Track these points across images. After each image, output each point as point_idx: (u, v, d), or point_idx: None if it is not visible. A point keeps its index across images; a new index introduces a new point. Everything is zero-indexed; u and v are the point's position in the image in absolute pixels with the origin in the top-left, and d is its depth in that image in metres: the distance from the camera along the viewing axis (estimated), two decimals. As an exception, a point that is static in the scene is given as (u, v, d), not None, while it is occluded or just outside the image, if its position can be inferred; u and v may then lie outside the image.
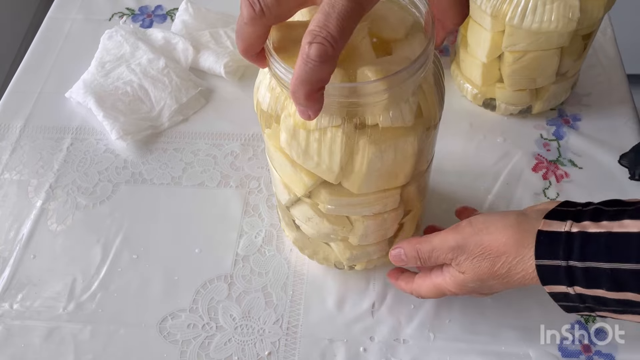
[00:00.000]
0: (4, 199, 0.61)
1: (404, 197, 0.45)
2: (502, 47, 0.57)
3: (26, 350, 0.51)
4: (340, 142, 0.37)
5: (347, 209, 0.44)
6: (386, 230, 0.48)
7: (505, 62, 0.59)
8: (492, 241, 0.40)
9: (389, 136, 0.38)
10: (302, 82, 0.31)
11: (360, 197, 0.43)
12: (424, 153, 0.43)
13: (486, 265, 0.41)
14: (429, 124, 0.40)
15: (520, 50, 0.56)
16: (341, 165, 0.39)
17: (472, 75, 0.64)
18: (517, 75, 0.59)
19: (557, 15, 0.53)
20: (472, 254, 0.41)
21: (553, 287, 0.39)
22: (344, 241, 0.49)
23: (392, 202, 0.44)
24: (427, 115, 0.39)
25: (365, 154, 0.38)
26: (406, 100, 0.37)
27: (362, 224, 0.46)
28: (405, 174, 0.42)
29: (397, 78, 0.35)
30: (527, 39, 0.55)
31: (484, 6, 0.55)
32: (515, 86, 0.61)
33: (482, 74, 0.62)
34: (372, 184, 0.41)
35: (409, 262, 0.45)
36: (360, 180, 0.40)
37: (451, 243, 0.42)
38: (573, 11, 0.53)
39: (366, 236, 0.47)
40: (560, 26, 0.53)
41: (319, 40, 0.30)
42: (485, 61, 0.60)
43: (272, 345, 0.50)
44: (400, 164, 0.41)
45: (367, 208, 0.44)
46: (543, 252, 0.38)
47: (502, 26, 0.56)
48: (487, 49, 0.59)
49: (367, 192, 0.42)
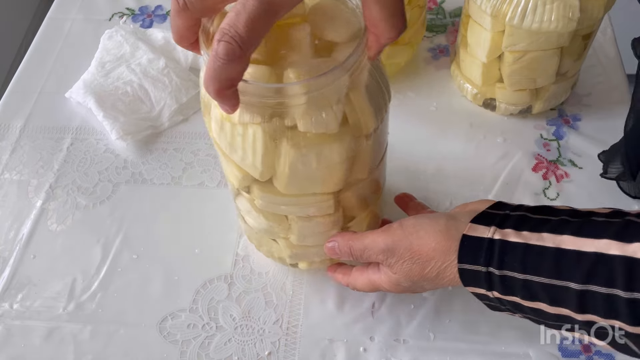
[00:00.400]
0: (4, 199, 0.61)
1: (343, 204, 0.45)
2: (502, 47, 0.57)
3: (26, 350, 0.51)
4: (261, 140, 0.37)
5: (278, 208, 0.44)
6: (325, 234, 0.47)
7: (505, 62, 0.59)
8: (421, 246, 0.41)
9: (311, 141, 0.38)
10: (211, 79, 0.31)
11: (289, 198, 0.43)
12: (359, 162, 0.42)
13: (416, 269, 0.42)
14: (359, 134, 0.39)
15: (521, 50, 0.56)
16: (264, 163, 0.39)
17: (472, 75, 0.64)
18: (517, 75, 0.59)
19: (557, 15, 0.53)
20: (402, 258, 0.42)
21: (474, 288, 0.40)
22: (285, 239, 0.49)
23: (326, 207, 0.44)
24: (356, 124, 0.39)
25: (287, 156, 0.38)
26: (330, 107, 0.36)
27: (296, 224, 0.46)
28: (335, 181, 0.42)
29: (315, 83, 0.34)
30: (527, 39, 0.55)
31: (484, 6, 0.55)
32: (516, 86, 0.61)
33: (482, 74, 0.62)
34: (299, 186, 0.41)
35: (342, 257, 0.46)
36: (285, 181, 0.40)
37: (381, 245, 0.43)
38: (573, 11, 0.53)
39: (304, 237, 0.47)
40: (560, 26, 0.53)
41: (227, 39, 0.30)
42: (485, 61, 0.60)
43: (272, 345, 0.50)
44: (326, 170, 0.40)
45: (299, 209, 0.44)
46: (465, 257, 0.39)
47: (502, 26, 0.56)
48: (487, 49, 0.59)
49: (296, 194, 0.42)
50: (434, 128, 0.65)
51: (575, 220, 0.38)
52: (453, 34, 0.74)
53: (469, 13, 0.60)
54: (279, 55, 0.37)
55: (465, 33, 0.62)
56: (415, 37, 0.65)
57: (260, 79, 0.35)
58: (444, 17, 0.76)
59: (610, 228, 0.36)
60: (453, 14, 0.77)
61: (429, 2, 0.77)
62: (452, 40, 0.73)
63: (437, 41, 0.74)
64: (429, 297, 0.52)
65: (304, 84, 0.34)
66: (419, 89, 0.69)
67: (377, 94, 0.40)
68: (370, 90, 0.39)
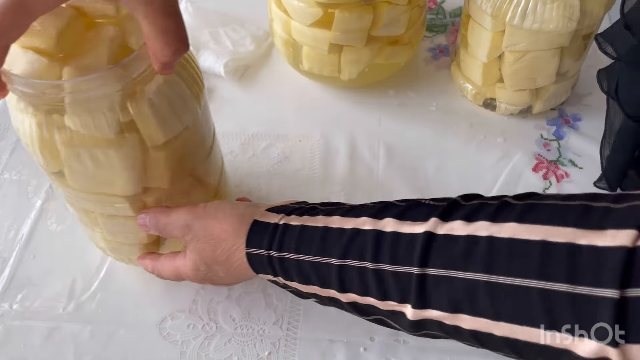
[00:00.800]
0: (4, 199, 0.61)
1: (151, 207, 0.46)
2: (502, 47, 0.57)
3: (26, 350, 0.51)
4: (35, 131, 0.38)
5: (77, 202, 0.45)
6: (136, 235, 0.48)
7: (506, 62, 0.59)
8: (215, 226, 0.42)
9: (85, 142, 0.38)
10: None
11: (82, 194, 0.43)
12: (154, 172, 0.42)
13: (208, 249, 0.42)
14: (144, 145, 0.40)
15: (521, 50, 0.56)
16: (42, 154, 0.39)
17: (472, 75, 0.64)
18: (518, 75, 0.59)
19: (558, 15, 0.53)
20: (197, 236, 0.42)
21: (265, 275, 0.42)
22: (99, 232, 0.49)
23: (123, 209, 0.44)
24: (145, 134, 0.39)
25: (62, 152, 0.39)
26: (102, 111, 0.37)
27: (101, 220, 0.46)
28: (121, 185, 0.42)
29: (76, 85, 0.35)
30: (528, 39, 0.55)
31: (484, 6, 0.55)
32: (516, 86, 0.61)
33: (482, 74, 0.62)
34: (84, 183, 0.42)
35: (150, 230, 0.45)
36: (67, 176, 0.41)
37: (181, 222, 0.43)
38: (573, 11, 0.53)
39: (114, 234, 0.48)
40: (560, 26, 0.53)
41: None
42: (485, 61, 0.60)
43: (272, 346, 0.50)
44: (109, 173, 0.40)
45: (96, 206, 0.44)
46: (252, 241, 0.41)
47: (502, 26, 0.56)
48: (488, 49, 0.59)
49: (87, 191, 0.42)
50: (434, 128, 0.65)
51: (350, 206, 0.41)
52: (453, 34, 0.74)
53: (469, 13, 0.60)
54: (74, 52, 0.37)
55: (466, 33, 0.62)
56: (415, 37, 0.65)
57: (37, 72, 0.35)
58: (444, 17, 0.76)
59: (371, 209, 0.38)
60: (453, 13, 0.77)
61: (429, 2, 0.77)
62: (452, 40, 0.73)
63: (438, 41, 0.74)
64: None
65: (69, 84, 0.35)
66: (419, 89, 0.69)
67: (169, 107, 0.40)
68: (162, 103, 0.39)
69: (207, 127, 0.47)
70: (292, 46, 0.64)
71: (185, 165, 0.45)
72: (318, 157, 0.63)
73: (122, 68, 0.35)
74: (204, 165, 0.47)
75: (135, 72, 0.36)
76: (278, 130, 0.65)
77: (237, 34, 0.73)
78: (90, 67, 0.36)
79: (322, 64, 0.63)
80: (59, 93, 0.35)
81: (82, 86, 0.35)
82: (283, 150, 0.64)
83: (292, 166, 0.62)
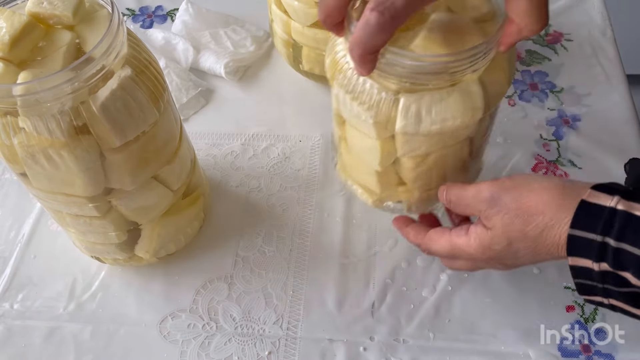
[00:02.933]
0: (5, 199, 0.62)
1: (120, 210, 0.46)
2: (398, 155, 0.45)
3: (26, 350, 0.51)
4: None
5: (41, 201, 0.46)
6: (105, 235, 0.48)
7: (405, 168, 0.47)
8: (532, 198, 0.38)
9: (41, 143, 0.38)
10: (357, 44, 0.35)
11: (45, 193, 0.44)
12: (114, 173, 0.43)
13: (518, 223, 0.38)
14: (98, 148, 0.40)
15: (422, 155, 0.45)
16: (3, 155, 0.40)
17: (365, 181, 0.52)
18: (424, 178, 0.48)
19: (458, 110, 0.41)
20: (505, 208, 0.39)
21: (578, 259, 0.36)
22: (72, 231, 0.49)
23: (88, 210, 0.45)
24: (99, 138, 0.39)
25: (19, 154, 0.39)
26: (52, 114, 0.37)
27: (69, 219, 0.46)
28: (80, 186, 0.42)
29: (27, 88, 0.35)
30: (428, 142, 0.43)
31: (364, 116, 0.42)
32: (425, 187, 0.49)
33: (377, 181, 0.50)
34: (45, 184, 0.42)
35: (448, 204, 0.44)
36: (29, 177, 0.42)
37: (486, 194, 0.40)
38: (475, 99, 0.41)
39: (83, 234, 0.48)
40: (465, 120, 0.42)
41: (381, 9, 0.33)
42: (379, 169, 0.48)
43: (272, 345, 0.50)
44: (64, 174, 0.41)
45: (58, 205, 0.45)
46: (580, 223, 0.36)
47: (391, 132, 0.43)
48: (379, 158, 0.46)
49: (46, 191, 0.43)
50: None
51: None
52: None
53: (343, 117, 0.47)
54: (31, 57, 0.38)
55: (344, 135, 0.49)
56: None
57: None
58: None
59: None
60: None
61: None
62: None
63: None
64: (429, 297, 0.52)
65: (18, 87, 0.35)
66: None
67: (124, 111, 0.40)
68: (116, 107, 0.39)
69: (170, 130, 0.47)
70: (292, 47, 0.64)
71: (147, 168, 0.45)
72: (318, 157, 0.63)
73: (71, 71, 0.36)
74: (169, 168, 0.47)
75: (84, 75, 0.37)
76: (278, 131, 0.65)
77: (238, 35, 0.73)
78: (45, 72, 0.37)
79: (322, 64, 0.63)
80: (10, 96, 0.36)
81: (31, 89, 0.35)
82: (283, 150, 0.64)
83: (292, 166, 0.62)
